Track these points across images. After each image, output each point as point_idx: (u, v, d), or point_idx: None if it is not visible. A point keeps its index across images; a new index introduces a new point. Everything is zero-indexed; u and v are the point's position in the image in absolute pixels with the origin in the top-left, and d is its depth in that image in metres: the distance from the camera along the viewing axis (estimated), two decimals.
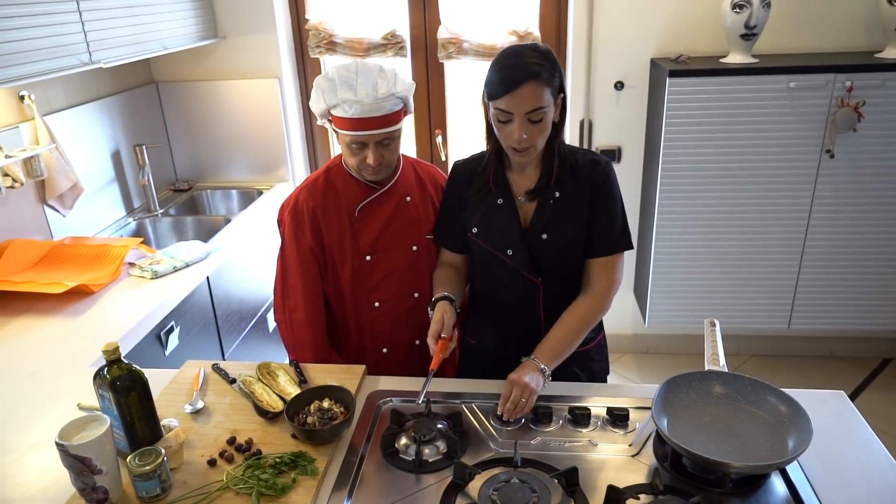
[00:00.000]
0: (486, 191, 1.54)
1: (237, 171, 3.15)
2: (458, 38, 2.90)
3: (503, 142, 1.44)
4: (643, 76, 2.85)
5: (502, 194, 1.53)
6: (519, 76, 1.35)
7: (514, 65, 1.36)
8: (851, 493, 1.18)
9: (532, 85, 1.35)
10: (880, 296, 2.82)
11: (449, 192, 1.63)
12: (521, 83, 1.34)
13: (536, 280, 1.54)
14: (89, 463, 1.12)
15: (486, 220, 1.54)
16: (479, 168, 1.57)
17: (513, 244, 1.51)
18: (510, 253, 1.52)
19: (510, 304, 1.58)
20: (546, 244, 1.51)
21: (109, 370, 1.21)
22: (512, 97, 1.35)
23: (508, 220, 1.52)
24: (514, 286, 1.55)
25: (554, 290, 1.55)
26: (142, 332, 1.87)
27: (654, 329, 3.13)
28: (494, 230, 1.53)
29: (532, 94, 1.35)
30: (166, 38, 2.50)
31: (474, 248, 1.58)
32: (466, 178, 1.58)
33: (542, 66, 1.36)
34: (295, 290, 1.65)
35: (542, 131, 1.41)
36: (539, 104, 1.36)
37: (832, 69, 2.49)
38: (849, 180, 2.64)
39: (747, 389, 1.34)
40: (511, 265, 1.53)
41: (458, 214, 1.59)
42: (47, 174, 2.25)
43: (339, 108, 1.50)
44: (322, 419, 1.33)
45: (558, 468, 1.22)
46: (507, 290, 1.57)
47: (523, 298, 1.56)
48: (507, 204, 1.52)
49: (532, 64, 1.35)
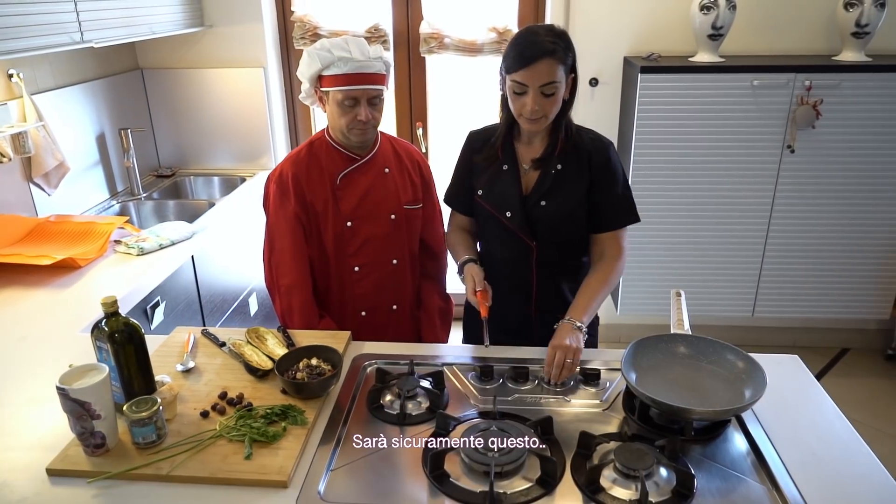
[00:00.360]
0: (493, 157, 1.65)
1: (220, 158, 3.19)
2: (440, 34, 3.00)
3: (516, 112, 1.54)
4: (617, 73, 2.97)
5: (508, 161, 1.64)
6: (535, 52, 1.45)
7: (531, 42, 1.47)
8: (803, 442, 1.28)
9: (547, 61, 1.45)
10: (839, 285, 2.98)
11: (462, 157, 1.74)
12: (537, 59, 1.45)
13: (531, 243, 1.65)
14: (88, 407, 1.17)
15: (490, 184, 1.66)
16: (491, 137, 1.67)
17: (512, 207, 1.63)
18: (509, 215, 1.63)
19: (506, 264, 1.69)
20: (543, 211, 1.62)
21: (108, 322, 1.27)
22: (528, 71, 1.45)
23: (511, 186, 1.63)
24: (511, 247, 1.67)
25: (547, 255, 1.66)
26: (128, 305, 1.91)
27: (626, 317, 3.24)
28: (497, 194, 1.65)
29: (546, 70, 1.45)
30: (155, 24, 2.54)
31: (479, 210, 1.70)
32: (479, 145, 1.69)
33: (556, 45, 1.46)
34: (283, 256, 1.73)
35: (554, 104, 1.51)
36: (552, 79, 1.46)
37: (793, 69, 2.64)
38: (808, 174, 2.80)
39: (709, 349, 1.45)
40: (509, 227, 1.64)
41: (469, 179, 1.71)
42: (34, 151, 2.27)
43: (335, 66, 1.61)
44: (311, 375, 1.40)
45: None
46: (504, 250, 1.69)
47: (518, 260, 1.68)
48: (511, 171, 1.64)
49: (548, 42, 1.46)
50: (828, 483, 1.17)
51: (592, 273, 1.65)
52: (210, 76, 3.05)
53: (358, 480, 1.19)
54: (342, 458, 1.24)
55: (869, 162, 2.76)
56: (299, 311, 1.72)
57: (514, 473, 1.19)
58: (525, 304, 1.66)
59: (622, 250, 1.67)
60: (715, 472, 1.21)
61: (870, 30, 2.68)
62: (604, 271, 1.63)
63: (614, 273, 1.64)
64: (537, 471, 1.19)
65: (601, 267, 1.64)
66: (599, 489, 1.15)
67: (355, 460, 1.24)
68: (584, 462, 1.22)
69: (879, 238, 2.88)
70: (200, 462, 1.20)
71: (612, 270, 1.64)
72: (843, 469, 1.21)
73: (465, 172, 1.72)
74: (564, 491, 1.16)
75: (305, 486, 1.16)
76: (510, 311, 1.59)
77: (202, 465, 1.19)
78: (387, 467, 1.22)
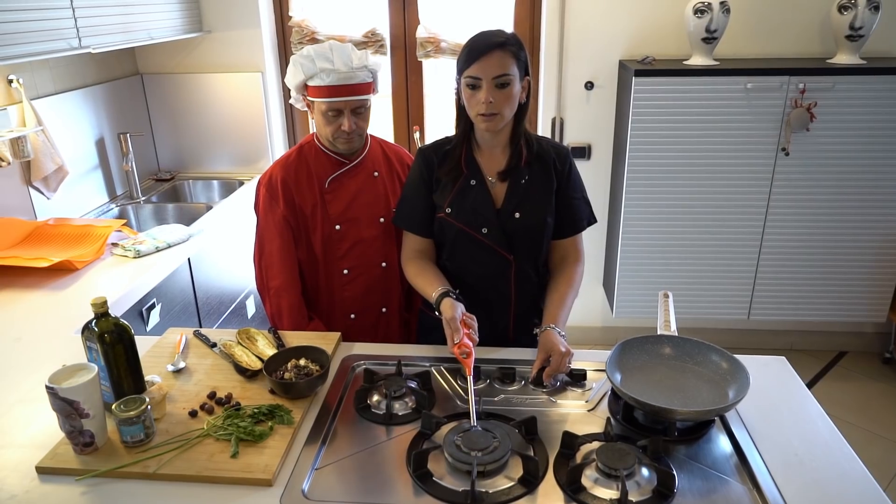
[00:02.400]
0: (457, 172, 1.61)
1: (219, 162, 3.22)
2: (436, 38, 3.02)
3: (472, 111, 1.53)
4: (612, 77, 2.99)
5: (474, 175, 1.60)
6: (486, 45, 1.48)
7: (482, 37, 1.50)
8: (786, 443, 1.29)
9: (498, 53, 1.47)
10: (835, 288, 2.98)
11: (416, 175, 1.65)
12: (488, 51, 1.47)
13: (509, 257, 1.63)
14: (77, 406, 1.19)
15: (459, 201, 1.60)
16: (447, 148, 1.64)
17: (487, 223, 1.60)
18: (485, 231, 1.60)
19: (483, 281, 1.66)
20: (518, 223, 1.60)
21: (98, 323, 1.29)
22: (480, 63, 1.47)
23: (483, 200, 1.59)
24: (488, 264, 1.63)
25: (524, 267, 1.65)
26: (124, 307, 1.93)
27: (622, 319, 3.24)
28: (468, 210, 1.60)
29: (498, 61, 1.47)
30: (153, 29, 2.58)
31: (447, 229, 1.63)
32: (437, 160, 1.63)
33: (507, 40, 1.49)
34: (271, 258, 1.75)
35: (508, 100, 1.50)
36: (505, 70, 1.47)
37: (786, 72, 2.65)
38: (803, 177, 2.80)
39: (694, 351, 1.45)
40: (486, 243, 1.61)
41: (427, 197, 1.64)
42: (33, 156, 2.30)
43: (317, 77, 1.62)
44: (298, 375, 1.41)
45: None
46: (481, 268, 1.64)
47: (496, 276, 1.65)
48: (479, 185, 1.60)
49: (498, 36, 1.49)
50: (809, 484, 1.18)
51: (559, 279, 1.65)
52: (209, 81, 3.08)
53: (342, 479, 1.21)
54: (327, 457, 1.26)
55: (864, 164, 2.76)
56: (288, 314, 1.74)
57: (497, 473, 1.20)
58: (503, 316, 1.64)
59: (581, 254, 1.69)
60: (697, 472, 1.21)
61: (864, 32, 2.68)
62: (570, 276, 1.65)
63: (578, 277, 1.66)
64: (520, 470, 1.20)
65: (566, 273, 1.66)
66: (581, 489, 1.16)
67: (340, 459, 1.25)
68: (567, 462, 1.23)
69: (876, 240, 2.88)
70: (187, 460, 1.21)
71: (577, 275, 1.66)
72: (825, 470, 1.22)
73: (422, 191, 1.63)
74: (546, 490, 1.17)
75: (290, 484, 1.18)
76: (487, 323, 1.59)
77: (189, 464, 1.21)
78: (371, 466, 1.24)
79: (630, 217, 2.91)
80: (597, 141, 3.10)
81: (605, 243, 3.24)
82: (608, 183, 3.16)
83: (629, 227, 2.93)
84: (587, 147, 3.11)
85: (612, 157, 3.12)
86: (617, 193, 3.02)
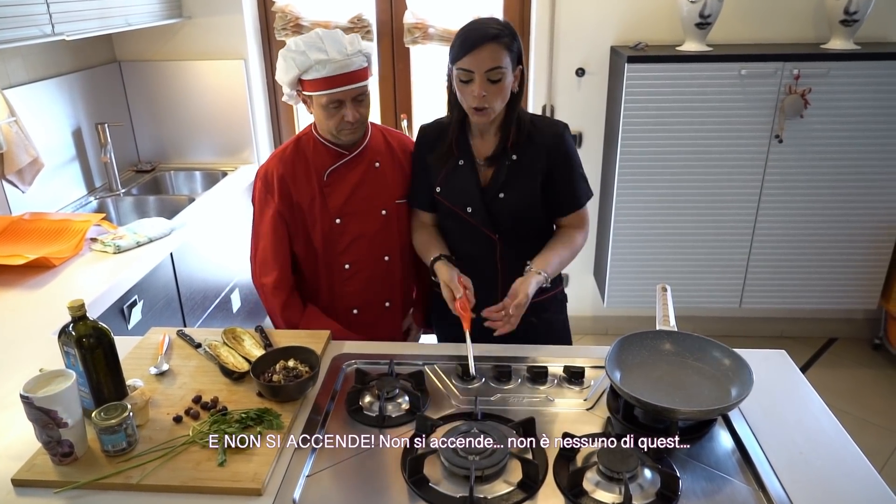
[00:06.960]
0: (448, 154, 1.63)
1: (201, 152, 3.14)
2: (424, 24, 2.94)
3: (464, 103, 1.52)
4: (603, 63, 2.93)
5: (464, 157, 1.62)
6: (479, 37, 1.44)
7: (475, 28, 1.46)
8: (790, 440, 1.26)
9: (491, 46, 1.44)
10: (827, 275, 2.96)
11: (417, 155, 1.72)
12: (481, 43, 1.44)
13: (494, 237, 1.64)
14: (54, 416, 1.13)
15: (448, 180, 1.64)
16: (444, 131, 1.64)
17: (472, 202, 1.62)
18: (469, 210, 1.62)
19: (471, 259, 1.67)
20: (503, 203, 1.61)
21: (75, 327, 1.22)
22: (472, 56, 1.44)
23: (469, 181, 1.62)
24: (474, 242, 1.66)
25: (511, 247, 1.65)
26: (104, 305, 1.87)
27: (613, 309, 3.22)
28: (456, 189, 1.63)
29: (491, 55, 1.44)
30: (131, 15, 2.48)
31: (440, 206, 1.68)
32: (432, 141, 1.66)
33: (501, 32, 1.45)
34: (265, 254, 1.71)
35: (500, 93, 1.49)
36: (498, 64, 1.45)
37: (780, 58, 2.61)
38: (797, 164, 2.77)
39: (694, 346, 1.42)
40: (471, 222, 1.64)
41: (426, 176, 1.68)
42: (6, 148, 2.21)
43: (313, 69, 1.54)
44: (287, 377, 1.36)
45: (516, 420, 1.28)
46: (468, 246, 1.67)
47: (482, 255, 1.67)
48: (467, 166, 1.62)
49: (492, 28, 1.45)
50: (815, 482, 1.15)
51: (558, 237, 1.66)
52: (190, 68, 2.99)
53: (334, 486, 1.16)
54: (319, 463, 1.21)
55: (858, 151, 2.74)
56: (280, 311, 1.70)
57: (495, 477, 1.16)
58: (490, 297, 1.60)
59: (585, 223, 1.70)
60: (700, 472, 1.18)
61: (858, 17, 2.65)
62: (570, 236, 1.66)
63: (579, 240, 1.67)
64: (519, 474, 1.16)
65: (567, 234, 1.66)
66: (582, 492, 1.12)
67: (332, 465, 1.21)
68: (567, 464, 1.19)
69: (868, 227, 2.86)
70: (172, 469, 1.16)
71: (578, 237, 1.67)
72: (830, 468, 1.19)
73: (422, 170, 1.70)
74: (547, 494, 1.14)
75: (280, 493, 1.13)
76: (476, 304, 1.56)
77: (174, 473, 1.15)
78: (365, 472, 1.19)
79: (622, 205, 2.88)
80: (588, 129, 3.05)
81: (596, 232, 3.20)
82: (599, 171, 3.12)
83: (621, 216, 2.89)
84: (578, 135, 3.05)
85: (603, 145, 3.07)
86: (608, 181, 2.98)
